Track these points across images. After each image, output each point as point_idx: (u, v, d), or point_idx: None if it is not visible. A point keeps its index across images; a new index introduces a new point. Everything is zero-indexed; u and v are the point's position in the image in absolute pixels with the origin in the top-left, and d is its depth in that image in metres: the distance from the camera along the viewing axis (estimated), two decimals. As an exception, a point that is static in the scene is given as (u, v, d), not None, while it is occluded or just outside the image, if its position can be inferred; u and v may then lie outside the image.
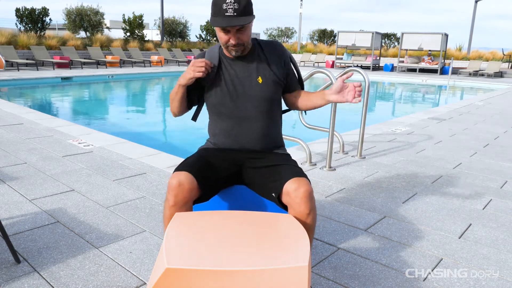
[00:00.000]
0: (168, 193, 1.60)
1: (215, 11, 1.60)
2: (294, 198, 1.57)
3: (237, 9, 1.56)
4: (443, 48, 19.62)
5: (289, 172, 1.67)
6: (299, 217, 1.59)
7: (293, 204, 1.58)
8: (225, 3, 1.56)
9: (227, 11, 1.56)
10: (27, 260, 2.01)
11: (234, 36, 1.64)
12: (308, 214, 1.59)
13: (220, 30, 1.65)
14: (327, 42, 31.64)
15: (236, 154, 1.82)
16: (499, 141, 5.16)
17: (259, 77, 1.78)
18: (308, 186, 1.60)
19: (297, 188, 1.58)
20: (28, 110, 6.26)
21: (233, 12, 1.56)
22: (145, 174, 3.38)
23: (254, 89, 1.78)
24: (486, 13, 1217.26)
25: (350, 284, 1.92)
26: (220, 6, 1.57)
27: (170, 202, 1.59)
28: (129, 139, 4.56)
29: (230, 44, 1.66)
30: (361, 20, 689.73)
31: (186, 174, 1.61)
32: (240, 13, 1.57)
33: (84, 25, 21.14)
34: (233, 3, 1.56)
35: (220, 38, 1.68)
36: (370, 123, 5.79)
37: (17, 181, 3.09)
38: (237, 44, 1.66)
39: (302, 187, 1.58)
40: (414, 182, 3.41)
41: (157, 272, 1.32)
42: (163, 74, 16.24)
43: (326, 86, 4.23)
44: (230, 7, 1.56)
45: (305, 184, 1.60)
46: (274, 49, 1.84)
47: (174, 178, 1.59)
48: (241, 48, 1.70)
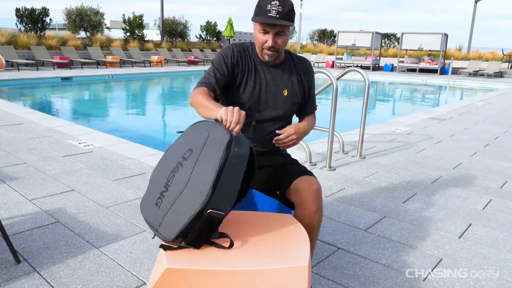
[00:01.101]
0: None
1: (258, 11, 1.60)
2: (304, 196, 1.58)
3: (281, 12, 1.57)
4: (443, 48, 19.62)
5: (297, 170, 1.70)
6: (307, 215, 1.59)
7: (302, 202, 1.59)
8: (270, 4, 1.57)
9: (270, 11, 1.57)
10: (27, 260, 2.01)
11: (272, 38, 1.62)
12: (315, 212, 1.60)
13: (259, 31, 1.64)
14: (327, 42, 31.64)
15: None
16: (499, 141, 5.16)
17: (285, 89, 1.78)
18: (319, 184, 1.63)
19: (308, 186, 1.59)
20: (28, 110, 6.26)
21: (276, 14, 1.57)
22: (145, 174, 3.38)
23: (278, 100, 1.77)
24: (486, 13, 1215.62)
25: (350, 284, 1.92)
26: (265, 6, 1.58)
27: None
28: (129, 139, 4.56)
29: (266, 46, 1.65)
30: (361, 20, 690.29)
31: None
32: (282, 16, 1.58)
33: (84, 25, 21.13)
34: (278, 5, 1.57)
35: (257, 39, 1.67)
36: (370, 123, 5.79)
37: (17, 181, 3.09)
38: (273, 47, 1.64)
39: (313, 185, 1.60)
40: (414, 182, 3.41)
41: (157, 272, 1.32)
42: (163, 74, 16.24)
43: (326, 87, 4.23)
44: (274, 9, 1.57)
45: (316, 182, 1.63)
46: (304, 65, 1.84)
47: None
48: (276, 54, 1.68)
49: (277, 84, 1.77)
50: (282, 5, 1.58)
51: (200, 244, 1.30)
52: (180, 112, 8.87)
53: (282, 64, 1.78)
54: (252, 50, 1.78)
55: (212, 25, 26.15)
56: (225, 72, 1.69)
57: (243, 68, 1.73)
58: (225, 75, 1.69)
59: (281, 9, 1.57)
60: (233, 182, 1.26)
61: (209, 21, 26.21)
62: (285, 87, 1.78)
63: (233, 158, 1.25)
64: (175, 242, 1.28)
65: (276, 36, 1.63)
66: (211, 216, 1.22)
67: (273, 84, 1.76)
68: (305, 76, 1.83)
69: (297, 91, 1.80)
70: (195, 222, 1.23)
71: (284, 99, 1.78)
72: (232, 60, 1.71)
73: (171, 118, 8.34)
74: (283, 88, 1.77)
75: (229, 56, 1.71)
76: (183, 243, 1.29)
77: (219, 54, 1.74)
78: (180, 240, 1.27)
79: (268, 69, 1.76)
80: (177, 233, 1.24)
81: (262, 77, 1.75)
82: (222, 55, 1.72)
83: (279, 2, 1.57)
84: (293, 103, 1.80)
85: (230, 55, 1.72)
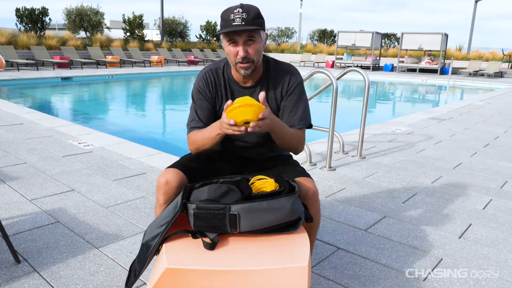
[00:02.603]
0: (157, 192, 1.59)
1: (223, 23, 1.53)
2: (303, 199, 1.55)
3: (245, 18, 1.49)
4: (443, 48, 19.62)
5: (294, 171, 1.67)
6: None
7: None
8: (233, 13, 1.50)
9: (234, 20, 1.49)
10: (27, 260, 2.01)
11: (243, 48, 1.53)
12: (313, 216, 1.58)
13: (228, 43, 1.55)
14: (327, 42, 31.64)
15: (237, 156, 1.82)
16: (499, 141, 5.16)
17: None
18: (315, 188, 1.60)
19: (306, 190, 1.56)
20: (28, 110, 6.26)
21: (241, 21, 1.49)
22: (145, 174, 3.38)
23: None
24: (486, 13, 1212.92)
25: (350, 284, 1.92)
26: (228, 16, 1.51)
27: (160, 201, 1.58)
28: (129, 139, 4.56)
29: (238, 59, 1.55)
30: (361, 20, 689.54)
31: (174, 171, 1.58)
32: (248, 22, 1.50)
33: (84, 25, 21.14)
34: (241, 12, 1.49)
35: (229, 54, 1.58)
36: (370, 123, 5.79)
37: (17, 181, 3.09)
38: (246, 58, 1.54)
39: (311, 189, 1.58)
40: (414, 182, 3.41)
41: (157, 272, 1.33)
42: (163, 74, 16.25)
43: (326, 86, 4.22)
44: (238, 17, 1.49)
45: (313, 186, 1.60)
46: (283, 76, 1.70)
47: (161, 177, 1.57)
48: (251, 65, 1.57)
49: None
50: (246, 11, 1.50)
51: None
52: (180, 112, 8.87)
53: (260, 82, 1.68)
54: (227, 70, 1.70)
55: (212, 25, 26.15)
56: (207, 107, 1.68)
57: (219, 94, 1.69)
58: (209, 109, 1.68)
59: (245, 15, 1.50)
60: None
61: (209, 21, 26.21)
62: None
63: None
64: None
65: (246, 45, 1.54)
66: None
67: None
68: (284, 87, 1.69)
69: (276, 105, 1.70)
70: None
71: None
72: (209, 90, 1.68)
73: (171, 118, 8.34)
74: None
75: (205, 89, 1.68)
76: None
77: (196, 89, 1.69)
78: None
79: (244, 91, 1.68)
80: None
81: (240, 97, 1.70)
82: (199, 90, 1.68)
83: (242, 9, 1.50)
84: (276, 114, 1.71)
85: (204, 86, 1.68)
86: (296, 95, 1.69)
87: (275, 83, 1.69)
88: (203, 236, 1.37)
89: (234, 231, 1.37)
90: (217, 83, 1.70)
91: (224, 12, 1.53)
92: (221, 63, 1.72)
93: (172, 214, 1.38)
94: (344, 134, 5.03)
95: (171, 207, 1.43)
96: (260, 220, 1.36)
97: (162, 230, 1.38)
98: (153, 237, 1.41)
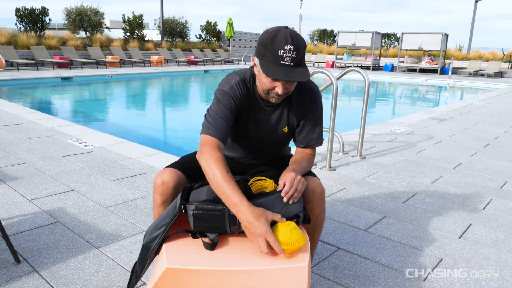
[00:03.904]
0: (154, 193, 1.58)
1: (268, 55, 1.39)
2: (308, 199, 1.54)
3: (295, 58, 1.37)
4: (443, 48, 19.62)
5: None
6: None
7: (305, 204, 1.53)
8: (283, 49, 1.36)
9: (283, 58, 1.36)
10: (27, 260, 2.00)
11: (283, 86, 1.44)
12: (318, 215, 1.58)
13: (265, 76, 1.43)
14: (327, 42, 31.65)
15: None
16: (499, 141, 5.16)
17: (286, 127, 1.65)
18: (322, 187, 1.58)
19: (312, 189, 1.55)
20: (28, 110, 6.26)
21: (291, 61, 1.37)
22: (145, 174, 3.38)
23: (278, 137, 1.68)
24: (486, 13, 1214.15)
25: (350, 284, 1.92)
26: (276, 52, 1.36)
27: (157, 201, 1.57)
28: (129, 139, 4.56)
29: (274, 92, 1.47)
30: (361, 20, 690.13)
31: (170, 171, 1.57)
32: (297, 63, 1.38)
33: (84, 25, 21.13)
34: (292, 51, 1.36)
35: (263, 84, 1.47)
36: (370, 123, 5.79)
37: (17, 181, 3.09)
38: (283, 95, 1.48)
39: (317, 188, 1.56)
40: (414, 182, 3.41)
41: (157, 272, 1.33)
42: (163, 74, 16.24)
43: (326, 87, 4.22)
44: (288, 55, 1.36)
45: (320, 185, 1.58)
46: (305, 93, 1.63)
47: (158, 177, 1.56)
48: (283, 97, 1.51)
49: (278, 122, 1.64)
50: (297, 48, 1.37)
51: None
52: (180, 112, 8.87)
53: (283, 101, 1.61)
54: (252, 85, 1.59)
55: (212, 25, 26.16)
56: (231, 120, 1.53)
57: (241, 107, 1.59)
58: (231, 122, 1.54)
59: (295, 54, 1.36)
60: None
61: (209, 21, 26.22)
62: (286, 124, 1.65)
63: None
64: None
65: (287, 83, 1.44)
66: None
67: (273, 122, 1.64)
68: (306, 106, 1.64)
69: (297, 124, 1.67)
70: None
71: (284, 135, 1.67)
72: (236, 101, 1.54)
73: (171, 118, 8.34)
74: (284, 126, 1.65)
75: (236, 98, 1.54)
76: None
77: (226, 94, 1.53)
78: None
79: (267, 109, 1.62)
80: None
81: (262, 116, 1.62)
82: (231, 96, 1.53)
83: (293, 46, 1.36)
84: (292, 136, 1.71)
85: (236, 96, 1.54)
86: (317, 115, 1.66)
87: (297, 102, 1.63)
88: (203, 236, 1.37)
89: (234, 231, 1.37)
90: (246, 96, 1.58)
91: (271, 41, 1.39)
92: (247, 75, 1.60)
93: (172, 215, 1.38)
94: (344, 134, 5.03)
95: (170, 208, 1.43)
96: None
97: (161, 232, 1.38)
98: (152, 239, 1.41)
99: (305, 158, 1.63)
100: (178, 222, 1.47)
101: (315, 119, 1.66)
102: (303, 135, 1.66)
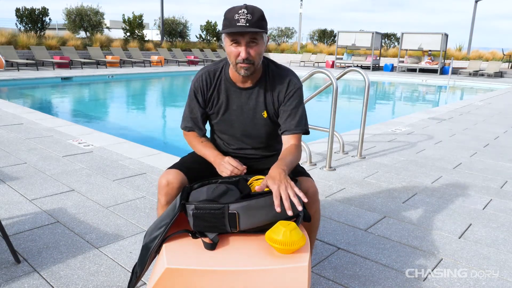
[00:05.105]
0: (159, 193, 1.60)
1: (226, 23, 1.52)
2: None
3: (250, 20, 1.48)
4: (443, 48, 19.61)
5: (294, 171, 1.67)
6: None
7: None
8: (237, 13, 1.49)
9: (239, 21, 1.48)
10: (27, 260, 2.01)
11: (245, 49, 1.52)
12: (313, 215, 1.58)
13: (230, 43, 1.54)
14: (327, 42, 31.64)
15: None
16: (499, 141, 5.16)
17: (264, 111, 1.69)
18: (315, 187, 1.60)
19: (306, 189, 1.56)
20: (28, 110, 6.26)
21: (246, 22, 1.48)
22: (145, 174, 3.38)
23: (258, 121, 1.71)
24: (486, 13, 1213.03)
25: (350, 284, 1.92)
26: (232, 17, 1.50)
27: (162, 202, 1.59)
28: (129, 139, 4.56)
29: (239, 59, 1.54)
30: (361, 20, 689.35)
31: (175, 172, 1.59)
32: (252, 24, 1.49)
33: (84, 25, 21.14)
34: (246, 13, 1.48)
35: (230, 54, 1.56)
36: (370, 123, 5.79)
37: (17, 181, 3.09)
38: (247, 59, 1.53)
39: (311, 188, 1.58)
40: (414, 182, 3.41)
41: (157, 272, 1.33)
42: (163, 74, 16.24)
43: (326, 86, 4.23)
44: (243, 17, 1.48)
45: (313, 185, 1.60)
46: (282, 79, 1.69)
47: (163, 178, 1.58)
48: (251, 66, 1.56)
49: (255, 106, 1.69)
50: (251, 12, 1.49)
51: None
52: (180, 112, 8.86)
53: (258, 84, 1.68)
54: (225, 70, 1.69)
55: (212, 25, 26.14)
56: (200, 109, 1.74)
57: (213, 95, 1.71)
58: (202, 111, 1.75)
59: (250, 17, 1.49)
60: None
61: (209, 21, 26.21)
62: (264, 108, 1.68)
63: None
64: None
65: (248, 46, 1.53)
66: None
67: (250, 107, 1.69)
68: (283, 92, 1.68)
69: (277, 108, 1.70)
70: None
71: (264, 121, 1.70)
72: (203, 93, 1.71)
73: (171, 118, 8.33)
74: (262, 110, 1.69)
75: (199, 91, 1.71)
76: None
77: (191, 89, 1.73)
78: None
79: (242, 92, 1.68)
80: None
81: (237, 101, 1.69)
82: (194, 91, 1.72)
83: (247, 10, 1.49)
84: (275, 124, 1.72)
85: (200, 88, 1.71)
86: (296, 101, 1.68)
87: (273, 86, 1.68)
88: (203, 236, 1.37)
89: (234, 230, 1.37)
90: (213, 84, 1.71)
91: (228, 12, 1.52)
92: (220, 64, 1.72)
93: (171, 216, 1.38)
94: (344, 134, 5.03)
95: (170, 208, 1.44)
96: (259, 217, 1.36)
97: (161, 232, 1.38)
98: (152, 239, 1.41)
99: (289, 151, 1.62)
100: (178, 222, 1.47)
101: (294, 106, 1.68)
102: (283, 121, 1.69)
